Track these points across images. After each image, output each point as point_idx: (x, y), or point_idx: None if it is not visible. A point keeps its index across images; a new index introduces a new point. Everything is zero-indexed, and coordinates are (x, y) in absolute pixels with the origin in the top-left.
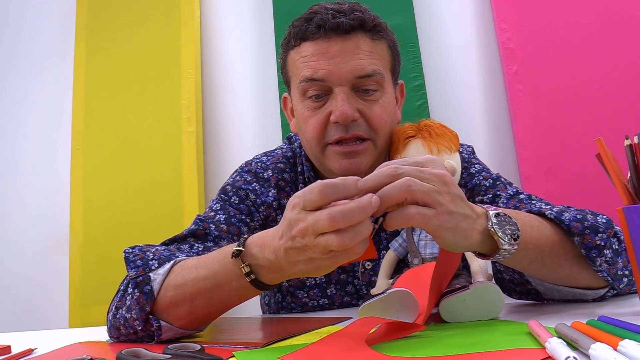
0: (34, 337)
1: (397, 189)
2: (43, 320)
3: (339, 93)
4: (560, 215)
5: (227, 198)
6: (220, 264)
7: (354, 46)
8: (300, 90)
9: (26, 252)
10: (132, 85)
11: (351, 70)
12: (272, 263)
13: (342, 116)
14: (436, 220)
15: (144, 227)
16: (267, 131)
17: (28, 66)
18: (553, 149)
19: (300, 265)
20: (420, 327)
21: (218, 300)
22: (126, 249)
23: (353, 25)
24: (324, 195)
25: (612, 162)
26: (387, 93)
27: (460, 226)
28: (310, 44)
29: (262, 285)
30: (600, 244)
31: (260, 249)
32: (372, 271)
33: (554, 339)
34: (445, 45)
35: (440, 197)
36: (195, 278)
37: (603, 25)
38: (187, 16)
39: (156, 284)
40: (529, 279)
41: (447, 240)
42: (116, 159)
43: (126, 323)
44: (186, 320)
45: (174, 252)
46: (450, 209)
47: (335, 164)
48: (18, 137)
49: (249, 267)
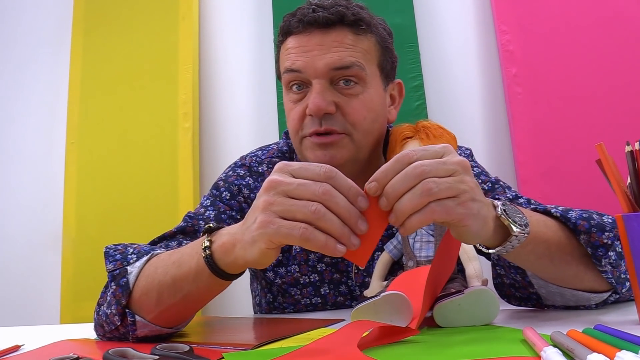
0: (22, 333)
1: (417, 196)
2: (34, 315)
3: (315, 85)
4: (566, 214)
5: (219, 194)
6: (190, 246)
7: (332, 40)
8: (284, 81)
9: (18, 246)
10: (129, 80)
11: (327, 63)
12: (229, 237)
13: (314, 109)
14: (461, 209)
15: (138, 223)
16: (264, 128)
17: (24, 59)
18: (551, 153)
19: (253, 233)
20: (413, 332)
21: (180, 287)
22: (108, 246)
23: (331, 19)
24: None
25: (613, 169)
26: (370, 88)
27: (481, 213)
28: (293, 38)
29: (215, 268)
30: (607, 243)
31: (231, 228)
32: (365, 272)
33: (549, 348)
34: (445, 45)
35: (464, 185)
36: (164, 264)
37: (603, 29)
38: (186, 12)
39: (132, 276)
40: (531, 281)
41: (472, 228)
42: (111, 154)
43: (107, 319)
44: (156, 313)
45: (155, 248)
46: (473, 196)
47: (311, 155)
48: (12, 130)
49: (209, 243)
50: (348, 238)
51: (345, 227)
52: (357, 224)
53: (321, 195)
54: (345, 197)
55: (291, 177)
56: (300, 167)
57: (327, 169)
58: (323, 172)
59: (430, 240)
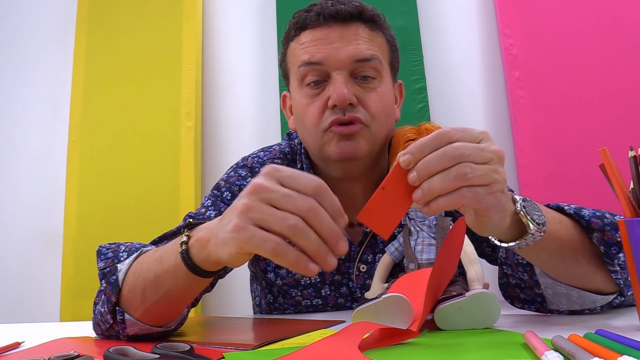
0: (22, 330)
1: (451, 179)
2: (34, 312)
3: (337, 76)
4: (579, 211)
5: (220, 194)
6: (172, 243)
7: (352, 32)
8: (298, 76)
9: (19, 243)
10: (132, 78)
11: (349, 55)
12: (206, 232)
13: (339, 98)
14: (490, 198)
15: (138, 222)
16: (266, 129)
17: (27, 56)
18: (553, 157)
19: (226, 234)
20: (414, 334)
21: (161, 284)
22: (101, 244)
23: (352, 13)
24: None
25: (616, 174)
26: (385, 83)
27: (505, 206)
28: (309, 32)
29: (190, 264)
30: (620, 241)
31: (210, 223)
32: (366, 274)
33: (550, 352)
34: (448, 48)
35: (498, 175)
36: (148, 262)
37: (607, 34)
38: (190, 11)
39: (121, 274)
40: (539, 280)
41: (493, 220)
42: (113, 151)
43: (102, 318)
44: (141, 311)
45: (146, 245)
46: (503, 188)
47: (334, 148)
48: (14, 127)
49: (187, 238)
50: (324, 257)
51: (323, 246)
52: (337, 244)
53: (304, 211)
54: (329, 214)
55: (278, 184)
56: (290, 176)
57: (317, 183)
58: (312, 187)
59: (432, 243)
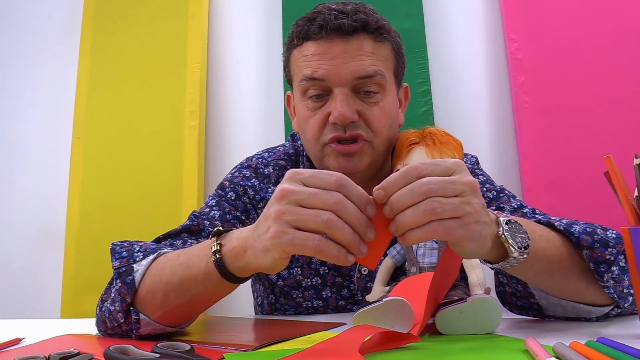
0: (23, 326)
1: (420, 213)
2: (35, 308)
3: (339, 94)
4: (569, 228)
5: (224, 194)
6: (198, 248)
7: (355, 47)
8: (300, 89)
9: (21, 239)
10: (137, 76)
11: (351, 72)
12: (240, 241)
13: (340, 117)
14: (462, 230)
15: (141, 220)
16: (270, 129)
17: (33, 54)
18: (557, 162)
19: (266, 242)
20: (415, 338)
21: (188, 288)
22: (114, 242)
23: (355, 26)
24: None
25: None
26: (389, 95)
27: (482, 234)
28: (312, 43)
29: (225, 272)
30: (609, 259)
31: (240, 232)
32: (368, 277)
33: (551, 359)
34: (454, 52)
35: (469, 207)
36: (172, 265)
37: (612, 40)
38: (196, 10)
39: (138, 274)
40: (532, 292)
41: (468, 248)
42: (117, 149)
43: (110, 316)
44: (161, 313)
45: (161, 247)
46: (477, 219)
47: (334, 163)
48: (19, 124)
49: (219, 246)
50: (358, 247)
51: (356, 236)
52: (366, 232)
53: (333, 205)
54: (355, 205)
55: (302, 185)
56: (311, 176)
57: (337, 177)
58: (334, 181)
59: (434, 247)
